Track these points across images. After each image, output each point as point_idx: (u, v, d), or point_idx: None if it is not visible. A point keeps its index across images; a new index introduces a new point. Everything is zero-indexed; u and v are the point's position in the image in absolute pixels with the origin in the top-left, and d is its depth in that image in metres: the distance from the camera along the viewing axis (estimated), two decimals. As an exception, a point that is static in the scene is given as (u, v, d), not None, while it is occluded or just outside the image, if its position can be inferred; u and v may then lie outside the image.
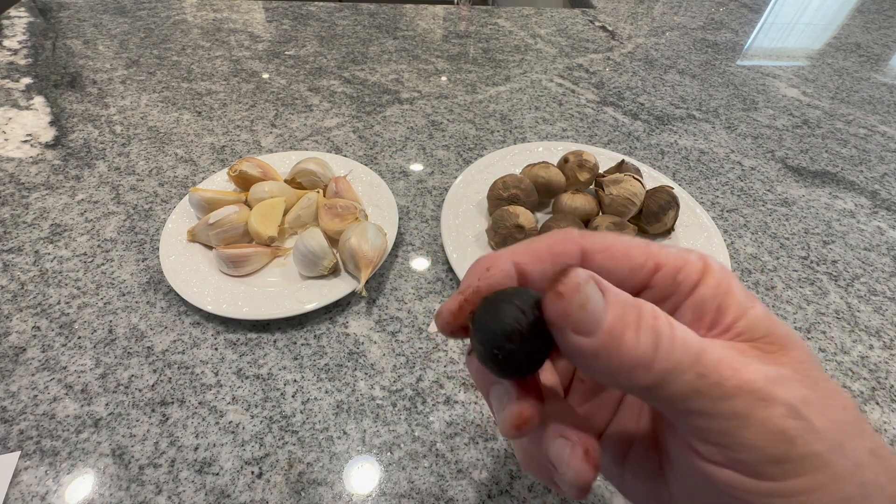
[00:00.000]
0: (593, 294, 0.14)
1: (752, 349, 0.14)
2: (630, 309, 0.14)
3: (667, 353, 0.13)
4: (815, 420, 0.13)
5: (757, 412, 0.13)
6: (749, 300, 0.15)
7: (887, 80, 0.76)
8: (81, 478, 0.30)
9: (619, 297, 0.14)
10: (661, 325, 0.14)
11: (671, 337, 0.13)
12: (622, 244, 0.16)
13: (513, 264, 0.16)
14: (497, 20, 0.87)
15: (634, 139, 0.60)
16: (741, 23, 0.92)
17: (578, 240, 0.16)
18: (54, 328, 0.37)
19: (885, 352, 0.38)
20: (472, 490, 0.30)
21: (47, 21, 0.78)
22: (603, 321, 0.14)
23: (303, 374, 0.35)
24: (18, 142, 0.54)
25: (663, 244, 0.17)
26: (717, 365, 0.13)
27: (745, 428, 0.13)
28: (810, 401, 0.13)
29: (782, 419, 0.13)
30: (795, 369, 0.14)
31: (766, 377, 0.13)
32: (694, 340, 0.14)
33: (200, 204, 0.42)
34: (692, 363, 0.13)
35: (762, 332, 0.15)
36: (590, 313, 0.14)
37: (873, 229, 0.49)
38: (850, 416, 0.14)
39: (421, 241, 0.45)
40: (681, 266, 0.16)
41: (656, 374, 0.13)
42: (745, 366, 0.14)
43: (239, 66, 0.69)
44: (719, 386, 0.13)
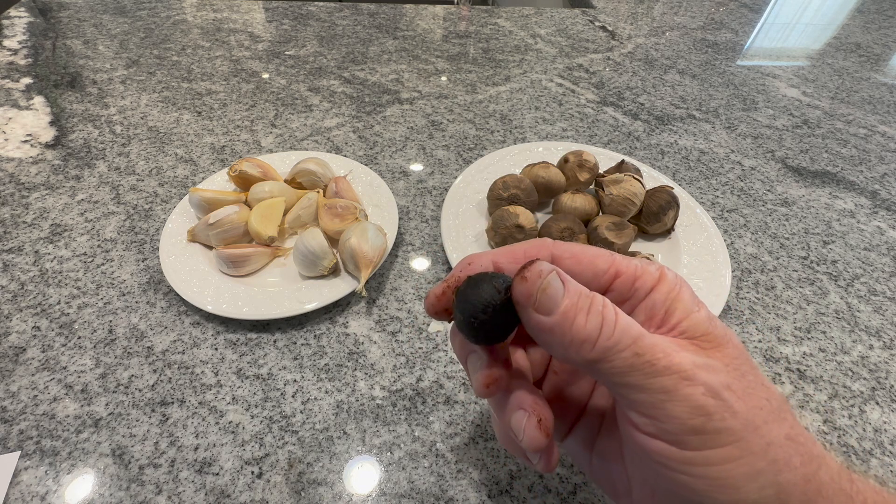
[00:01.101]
0: (554, 282, 0.17)
1: (689, 344, 0.17)
2: (584, 297, 0.17)
3: (609, 333, 0.16)
4: (732, 402, 0.16)
5: (681, 388, 0.16)
6: (695, 305, 0.18)
7: (887, 80, 0.76)
8: (81, 478, 0.30)
9: (577, 288, 0.17)
10: (607, 312, 0.17)
11: (614, 322, 0.16)
12: (589, 252, 0.20)
13: (491, 262, 0.20)
14: (497, 20, 0.87)
15: (634, 139, 0.60)
16: (741, 23, 0.92)
17: (550, 247, 0.20)
18: (54, 328, 0.37)
19: (884, 352, 0.38)
20: (472, 490, 0.30)
21: (47, 21, 0.78)
22: (560, 304, 0.17)
23: (303, 374, 0.35)
24: (18, 142, 0.54)
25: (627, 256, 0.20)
26: (652, 348, 0.16)
27: (670, 401, 0.16)
28: (731, 387, 0.16)
29: (702, 396, 0.16)
30: (725, 362, 0.17)
31: (693, 363, 0.16)
32: (634, 327, 0.17)
33: (200, 204, 0.42)
34: (630, 344, 0.16)
35: (701, 331, 0.17)
36: (549, 297, 0.17)
37: (873, 229, 0.49)
38: (772, 405, 0.17)
39: (421, 241, 0.45)
40: (639, 275, 0.19)
41: (599, 350, 0.16)
42: (676, 352, 0.16)
43: (239, 66, 0.69)
44: (651, 364, 0.16)
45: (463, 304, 0.18)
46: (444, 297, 0.19)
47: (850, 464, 0.17)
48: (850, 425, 0.34)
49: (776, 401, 0.17)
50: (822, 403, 0.35)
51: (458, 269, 0.20)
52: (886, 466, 0.32)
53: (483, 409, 0.33)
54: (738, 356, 0.17)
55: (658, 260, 0.43)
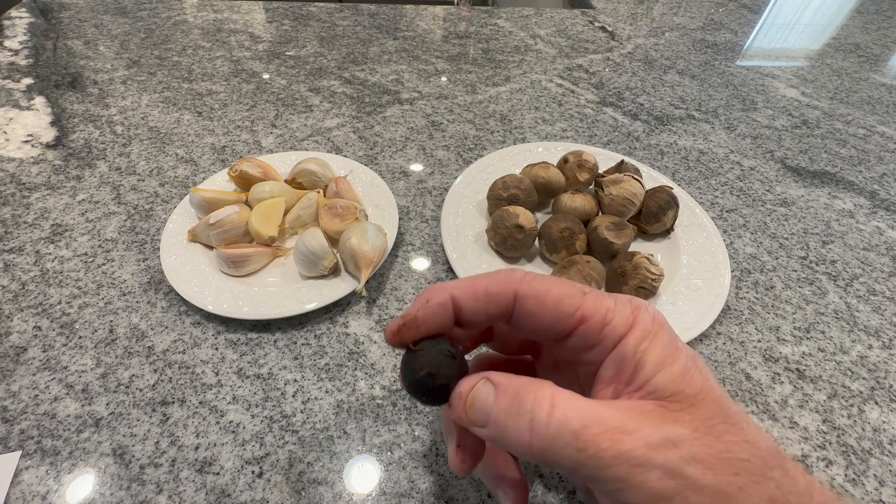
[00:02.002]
0: (481, 393, 0.18)
1: (656, 409, 0.16)
2: (514, 399, 0.17)
3: (541, 434, 0.16)
4: (697, 478, 0.15)
5: (634, 477, 0.15)
6: (671, 355, 0.17)
7: (886, 81, 0.76)
8: (82, 477, 0.30)
9: (509, 388, 0.17)
10: (538, 411, 0.16)
11: (546, 420, 0.16)
12: (555, 293, 0.19)
13: (450, 298, 0.19)
14: (497, 21, 0.87)
15: (634, 139, 0.60)
16: (740, 23, 0.92)
17: (515, 283, 0.19)
18: (55, 328, 0.37)
19: (884, 351, 0.39)
20: (472, 490, 0.30)
21: (48, 21, 0.78)
22: (491, 415, 0.17)
23: (303, 374, 0.35)
24: (19, 142, 0.54)
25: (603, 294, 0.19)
26: (596, 439, 0.15)
27: (625, 489, 0.15)
28: (697, 458, 0.15)
29: (657, 482, 0.15)
30: (695, 427, 0.16)
31: (647, 443, 0.15)
32: (573, 418, 0.16)
33: (201, 204, 0.42)
34: (570, 440, 0.15)
35: (671, 391, 0.16)
36: (478, 410, 0.17)
37: (872, 229, 0.49)
38: (753, 465, 0.15)
39: (421, 241, 0.45)
40: (609, 320, 0.18)
41: (536, 451, 0.16)
42: (628, 435, 0.15)
43: (239, 66, 0.70)
44: (598, 457, 0.15)
45: (406, 373, 0.19)
46: (400, 333, 0.20)
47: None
48: (850, 425, 0.34)
49: (759, 459, 0.16)
50: (821, 403, 0.35)
51: (416, 307, 0.20)
52: (886, 466, 0.32)
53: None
54: (713, 414, 0.16)
55: (658, 260, 0.43)
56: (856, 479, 0.31)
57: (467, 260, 0.41)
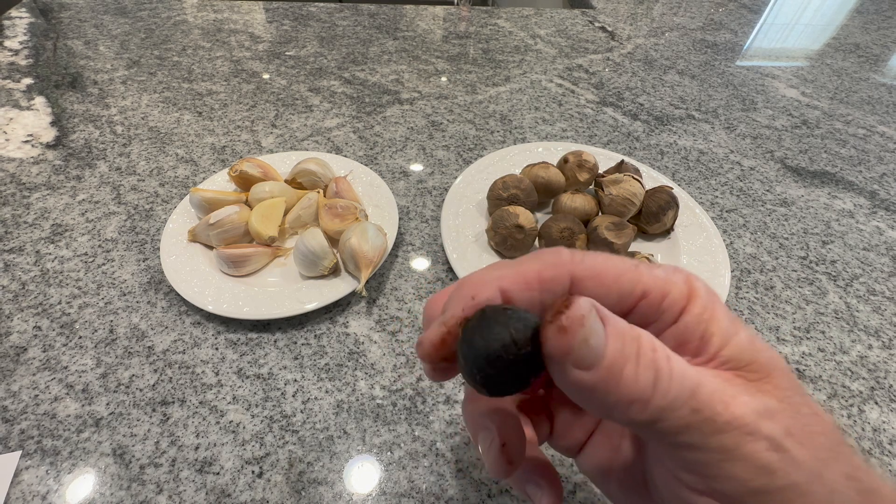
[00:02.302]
0: (596, 326, 0.13)
1: (737, 378, 0.15)
2: (630, 341, 0.14)
3: (665, 390, 0.13)
4: (795, 452, 0.14)
5: (743, 446, 0.13)
6: (733, 326, 0.15)
7: (886, 81, 0.76)
8: (82, 477, 0.30)
9: (619, 328, 0.14)
10: (659, 360, 0.13)
11: (669, 372, 0.13)
12: (613, 270, 0.16)
13: (499, 292, 0.15)
14: (497, 21, 0.87)
15: (634, 139, 0.60)
16: (740, 23, 0.92)
17: (569, 265, 0.16)
18: (55, 328, 0.37)
19: (883, 351, 0.39)
20: (471, 489, 0.30)
21: (48, 22, 0.78)
22: (604, 355, 0.13)
23: (303, 374, 0.35)
24: (19, 142, 0.54)
25: (650, 264, 0.17)
26: (711, 399, 0.13)
27: (730, 461, 0.13)
28: (792, 432, 0.14)
29: (766, 453, 0.13)
30: (779, 398, 0.14)
31: (754, 410, 0.14)
32: (690, 374, 0.14)
33: (201, 204, 0.42)
34: (688, 398, 0.13)
35: (746, 360, 0.15)
36: (592, 347, 0.13)
37: (872, 229, 0.49)
38: (829, 441, 0.14)
39: (421, 241, 0.45)
40: (667, 292, 0.16)
41: (654, 410, 0.13)
42: (734, 399, 0.14)
43: (239, 66, 0.70)
44: (712, 421, 0.13)
45: (469, 350, 0.14)
46: (444, 344, 0.15)
47: None
48: (850, 425, 0.34)
49: (832, 433, 0.15)
50: (821, 403, 0.35)
51: (459, 307, 0.15)
52: (886, 466, 0.32)
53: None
54: (788, 385, 0.15)
55: (658, 260, 0.43)
56: (856, 479, 0.31)
57: (467, 260, 0.41)
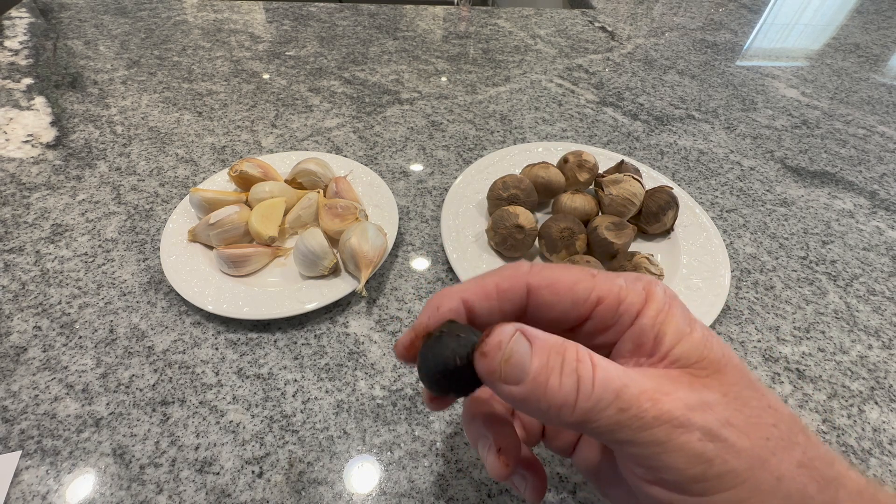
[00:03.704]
0: (518, 347, 0.15)
1: (683, 375, 0.16)
2: (554, 355, 0.15)
3: (587, 393, 0.15)
4: (734, 440, 0.15)
5: (674, 438, 0.14)
6: (688, 325, 0.17)
7: (886, 81, 0.76)
8: (82, 477, 0.30)
9: (546, 344, 0.16)
10: (582, 368, 0.15)
11: (591, 378, 0.15)
12: (567, 279, 0.18)
13: (461, 302, 0.18)
14: (497, 21, 0.87)
15: (634, 139, 0.60)
16: (740, 23, 0.92)
17: (525, 277, 0.18)
18: (55, 328, 0.37)
19: (883, 351, 0.39)
20: (471, 489, 0.30)
21: (48, 22, 0.78)
22: (529, 370, 0.15)
23: (303, 374, 0.35)
24: (19, 142, 0.54)
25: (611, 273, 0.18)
26: (637, 398, 0.15)
27: (665, 453, 0.15)
28: (732, 422, 0.15)
29: (699, 443, 0.14)
30: (724, 392, 0.15)
31: (685, 405, 0.15)
32: (615, 377, 0.15)
33: (201, 204, 0.42)
34: (613, 399, 0.15)
35: (695, 357, 0.16)
36: (514, 365, 0.15)
37: (872, 229, 0.49)
38: (780, 431, 0.15)
39: (421, 241, 0.45)
40: (623, 297, 0.17)
41: (580, 413, 0.15)
42: (666, 395, 0.15)
43: (239, 66, 0.70)
44: (639, 418, 0.15)
45: (424, 364, 0.17)
46: (413, 346, 0.18)
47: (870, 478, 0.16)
48: (849, 425, 0.34)
49: (785, 424, 0.16)
50: (821, 403, 0.35)
51: (426, 315, 0.18)
52: (885, 466, 0.32)
53: (483, 409, 0.33)
54: (737, 380, 0.16)
55: (658, 260, 0.43)
56: (856, 479, 0.31)
57: (467, 260, 0.41)
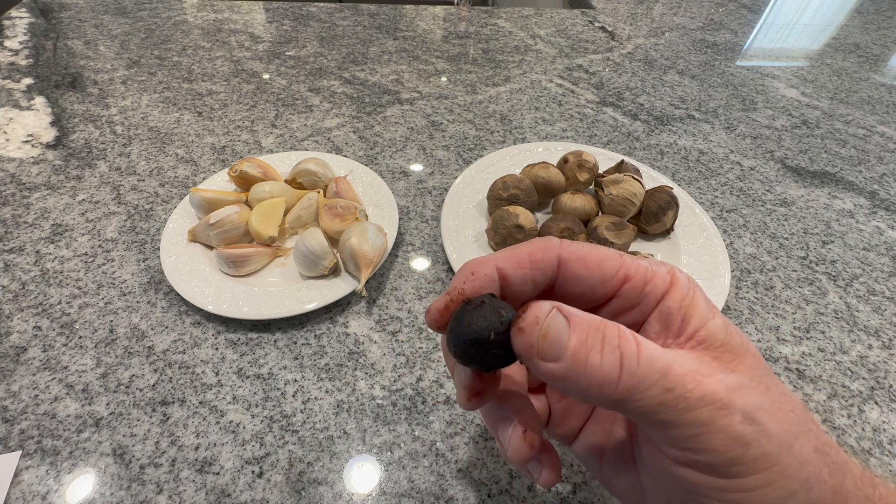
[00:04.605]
0: (555, 322, 0.15)
1: (712, 359, 0.16)
2: (594, 332, 0.15)
3: (632, 370, 0.15)
4: (768, 424, 0.15)
5: (717, 420, 0.15)
6: (710, 311, 0.17)
7: (886, 81, 0.76)
8: (82, 477, 0.30)
9: (584, 321, 0.15)
10: (625, 345, 0.15)
11: (636, 355, 0.15)
12: (596, 255, 0.18)
13: (496, 269, 0.18)
14: (497, 21, 0.87)
15: (634, 139, 0.60)
16: (740, 23, 0.92)
17: (556, 248, 0.18)
18: (55, 328, 0.37)
19: (883, 351, 0.39)
20: (471, 489, 0.30)
21: (48, 22, 0.78)
22: (567, 347, 0.15)
23: (303, 374, 0.35)
24: (19, 142, 0.54)
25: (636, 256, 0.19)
26: (682, 378, 0.15)
27: (707, 435, 0.15)
28: (764, 406, 0.15)
29: (740, 425, 0.15)
30: (750, 377, 0.16)
31: (727, 387, 0.15)
32: (659, 356, 0.15)
33: (201, 204, 0.42)
34: (659, 378, 0.15)
35: (720, 341, 0.16)
36: (552, 341, 0.15)
37: (872, 229, 0.49)
38: (798, 417, 0.16)
39: (421, 241, 0.45)
40: (649, 278, 0.18)
41: (623, 390, 0.15)
42: (707, 377, 0.15)
43: (239, 66, 0.70)
44: (684, 398, 0.15)
45: (454, 334, 0.17)
46: (447, 310, 0.18)
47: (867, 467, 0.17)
48: (850, 425, 0.34)
49: (800, 410, 0.16)
50: (821, 403, 0.35)
51: (461, 280, 0.18)
52: (885, 466, 0.32)
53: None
54: (758, 366, 0.16)
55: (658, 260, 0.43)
56: (856, 479, 0.31)
57: (467, 260, 0.41)
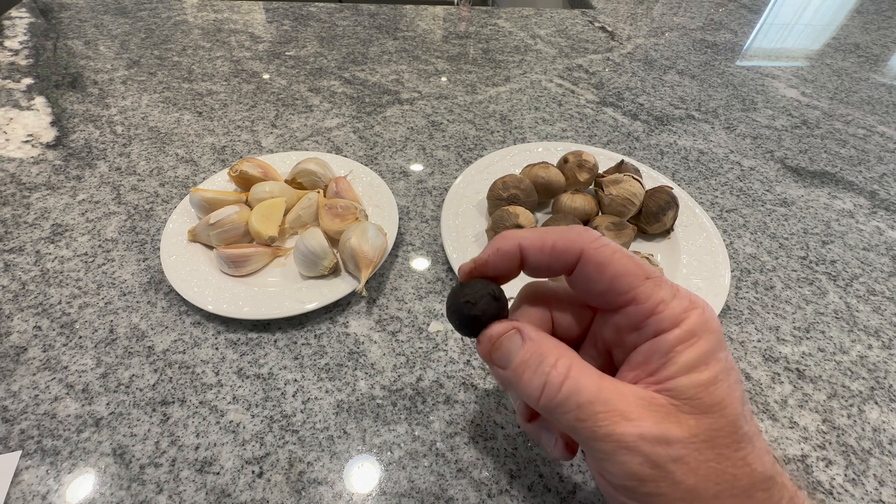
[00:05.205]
0: (508, 343, 0.20)
1: (667, 404, 0.17)
2: (536, 355, 0.19)
3: (551, 394, 0.18)
4: (678, 475, 0.16)
5: (618, 455, 0.17)
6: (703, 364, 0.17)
7: (886, 81, 0.76)
8: (82, 477, 0.30)
9: (534, 345, 0.19)
10: (553, 374, 0.18)
11: (558, 385, 0.18)
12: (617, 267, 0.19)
13: (518, 247, 0.21)
14: (497, 21, 0.87)
15: (634, 139, 0.60)
16: (740, 23, 0.92)
17: (583, 245, 0.20)
18: (55, 328, 0.37)
19: (883, 351, 0.39)
20: (471, 489, 0.30)
21: (48, 22, 0.78)
22: (513, 361, 0.19)
23: (303, 374, 0.35)
24: (20, 142, 0.54)
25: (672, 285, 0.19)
26: (595, 416, 0.17)
27: (607, 461, 0.17)
28: (683, 460, 0.16)
29: (638, 466, 0.17)
30: (695, 434, 0.17)
31: (639, 435, 0.16)
32: (584, 391, 0.17)
33: (201, 204, 0.42)
34: (574, 408, 0.17)
35: (689, 395, 0.17)
36: (503, 355, 0.20)
37: (872, 229, 0.49)
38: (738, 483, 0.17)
39: (421, 241, 0.45)
40: (657, 312, 0.18)
41: (543, 407, 0.18)
42: (628, 421, 0.17)
43: (239, 66, 0.70)
44: (592, 430, 0.17)
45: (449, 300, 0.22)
46: (472, 274, 0.22)
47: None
48: (849, 425, 0.34)
49: (748, 479, 0.17)
50: (820, 403, 0.35)
51: (487, 253, 0.22)
52: (885, 466, 0.32)
53: (483, 409, 0.33)
54: (720, 427, 0.17)
55: (657, 260, 0.43)
56: (855, 479, 0.31)
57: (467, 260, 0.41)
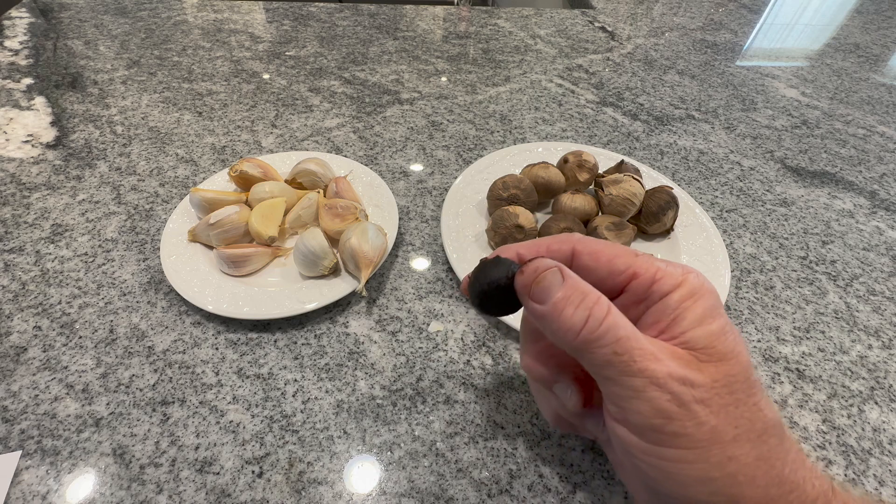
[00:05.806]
0: (551, 277, 0.19)
1: (686, 354, 0.18)
2: (578, 293, 0.19)
3: (593, 327, 0.18)
4: (702, 414, 0.17)
5: (648, 391, 0.17)
6: (710, 316, 0.19)
7: (886, 81, 0.76)
8: (82, 477, 0.30)
9: (575, 283, 0.19)
10: (596, 309, 0.18)
11: (601, 319, 0.18)
12: (609, 252, 0.21)
13: (517, 255, 0.22)
14: (497, 21, 0.87)
15: (634, 139, 0.60)
16: (740, 23, 0.92)
17: (574, 242, 0.21)
18: (55, 328, 0.37)
19: (883, 351, 0.39)
20: (471, 489, 0.30)
21: (48, 22, 0.78)
22: (553, 296, 0.19)
23: (303, 374, 0.35)
24: (19, 142, 0.54)
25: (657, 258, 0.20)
26: (632, 350, 0.17)
27: (637, 398, 0.18)
28: (706, 402, 0.17)
29: (666, 402, 0.17)
30: (715, 379, 0.17)
31: (668, 373, 0.17)
32: (623, 329, 0.18)
33: (201, 204, 0.42)
34: (612, 342, 0.18)
35: (703, 345, 0.18)
36: (543, 289, 0.19)
37: (872, 229, 0.49)
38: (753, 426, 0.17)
39: (421, 241, 0.45)
40: (658, 278, 0.20)
41: (582, 340, 0.18)
42: (657, 360, 0.17)
43: (239, 66, 0.70)
44: (627, 364, 0.17)
45: (473, 282, 0.22)
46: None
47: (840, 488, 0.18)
48: (849, 425, 0.34)
49: (761, 423, 0.18)
50: (820, 403, 0.35)
51: None
52: (885, 466, 0.32)
53: (483, 409, 0.33)
54: (737, 373, 0.18)
55: (657, 260, 0.43)
56: (855, 478, 0.31)
57: (467, 260, 0.41)
